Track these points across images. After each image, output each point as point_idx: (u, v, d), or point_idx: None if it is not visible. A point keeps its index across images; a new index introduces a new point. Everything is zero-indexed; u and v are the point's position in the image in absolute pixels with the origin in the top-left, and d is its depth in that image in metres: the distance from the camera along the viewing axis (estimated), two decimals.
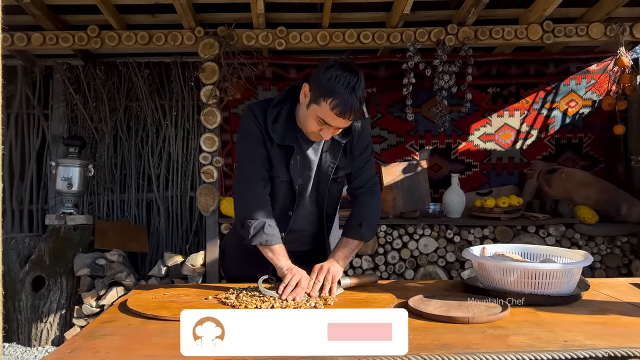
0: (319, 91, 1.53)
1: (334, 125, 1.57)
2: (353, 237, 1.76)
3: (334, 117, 1.53)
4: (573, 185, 3.74)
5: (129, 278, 3.40)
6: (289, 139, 1.68)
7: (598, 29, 3.56)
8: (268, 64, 3.97)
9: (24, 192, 4.20)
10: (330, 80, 1.51)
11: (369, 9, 3.58)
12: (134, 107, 4.21)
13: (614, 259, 3.52)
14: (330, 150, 1.74)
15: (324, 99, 1.52)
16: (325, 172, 1.74)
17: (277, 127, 1.67)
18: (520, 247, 1.79)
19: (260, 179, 1.68)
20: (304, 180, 1.75)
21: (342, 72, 1.52)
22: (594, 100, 4.11)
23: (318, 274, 1.59)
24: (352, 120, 1.58)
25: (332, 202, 1.83)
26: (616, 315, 1.37)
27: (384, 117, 4.08)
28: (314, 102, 1.56)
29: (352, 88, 1.50)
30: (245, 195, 1.71)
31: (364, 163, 1.82)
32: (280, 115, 1.68)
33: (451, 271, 3.51)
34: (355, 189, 1.84)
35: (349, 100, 1.50)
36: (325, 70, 1.53)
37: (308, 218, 1.81)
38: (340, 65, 1.54)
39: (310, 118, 1.59)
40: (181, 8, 3.28)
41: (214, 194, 3.54)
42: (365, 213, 1.80)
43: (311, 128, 1.61)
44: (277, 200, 1.73)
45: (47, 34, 3.55)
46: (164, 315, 1.36)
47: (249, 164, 1.70)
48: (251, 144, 1.69)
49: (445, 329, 1.25)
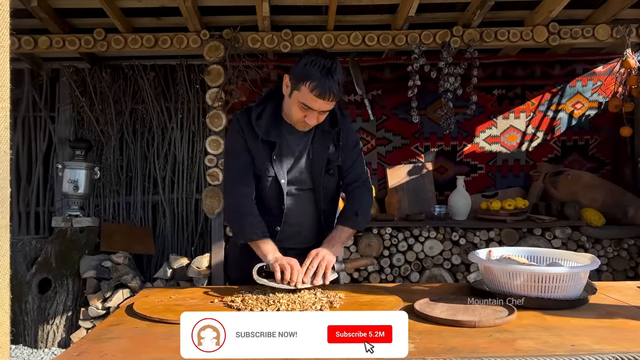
0: (297, 77, 1.63)
1: (316, 109, 1.65)
2: (348, 226, 1.83)
3: (315, 99, 1.61)
4: (579, 187, 3.72)
5: (134, 280, 3.41)
6: (274, 134, 1.76)
7: (604, 30, 3.54)
8: (273, 66, 3.98)
9: (30, 195, 4.22)
10: (306, 65, 1.61)
11: (374, 11, 3.58)
12: (140, 110, 4.23)
13: (621, 262, 3.50)
14: (320, 142, 1.81)
15: (303, 82, 1.61)
16: (318, 164, 1.80)
17: (262, 123, 1.76)
18: (527, 250, 1.78)
19: (244, 182, 1.78)
20: (296, 173, 1.81)
21: (318, 57, 1.62)
22: (600, 102, 4.09)
23: (312, 260, 1.66)
24: (332, 101, 1.65)
25: (328, 195, 1.88)
26: (624, 319, 1.36)
27: (389, 119, 4.08)
28: (294, 89, 1.65)
29: (328, 70, 1.60)
30: (229, 198, 1.82)
31: (355, 158, 1.89)
32: (265, 112, 1.78)
33: (457, 274, 3.50)
34: (349, 184, 1.90)
35: (326, 81, 1.59)
36: (302, 58, 1.64)
37: (305, 212, 1.86)
38: (316, 51, 1.66)
39: (294, 105, 1.68)
40: (187, 11, 3.29)
41: (220, 196, 3.55)
42: (361, 204, 1.87)
43: (296, 116, 1.70)
44: (269, 196, 1.81)
45: (53, 37, 3.57)
46: (170, 318, 1.36)
47: (233, 173, 1.81)
48: (235, 154, 1.80)
49: (451, 332, 1.25)
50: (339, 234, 1.81)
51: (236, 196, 1.79)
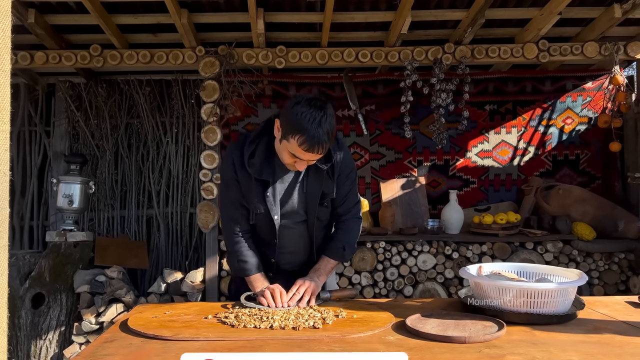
0: (287, 128, 1.63)
1: (305, 159, 1.67)
2: (334, 259, 1.90)
3: (303, 153, 1.62)
4: (570, 201, 3.77)
5: (128, 295, 3.40)
6: (266, 173, 1.77)
7: (593, 47, 3.61)
8: (268, 82, 4.02)
9: (24, 209, 4.22)
10: (297, 116, 1.59)
11: (367, 28, 3.64)
12: (135, 124, 4.25)
13: (612, 276, 3.53)
14: (314, 177, 1.82)
15: (292, 135, 1.61)
16: (312, 198, 1.82)
17: (255, 162, 1.76)
18: (517, 266, 1.81)
19: (234, 219, 1.85)
20: (289, 207, 1.83)
21: (308, 108, 1.60)
22: (590, 117, 4.15)
23: (299, 287, 1.73)
24: (322, 153, 1.66)
25: (321, 225, 1.92)
26: (611, 334, 1.39)
27: (382, 134, 4.12)
28: (284, 138, 1.65)
29: (319, 123, 1.58)
30: (224, 234, 1.91)
31: (349, 189, 1.90)
32: (257, 150, 1.78)
33: (450, 287, 3.52)
34: (341, 215, 1.93)
35: (315, 135, 1.58)
36: (293, 107, 1.62)
37: (298, 241, 1.90)
38: (307, 101, 1.63)
39: (284, 152, 1.69)
40: (182, 28, 3.33)
41: (214, 210, 3.56)
42: (349, 238, 1.91)
43: (286, 161, 1.72)
44: (262, 230, 1.87)
45: (50, 53, 3.60)
46: (164, 334, 1.38)
47: (225, 206, 1.88)
48: (227, 187, 1.85)
49: (442, 348, 1.27)
50: (325, 265, 1.87)
51: (228, 233, 1.87)
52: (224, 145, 3.96)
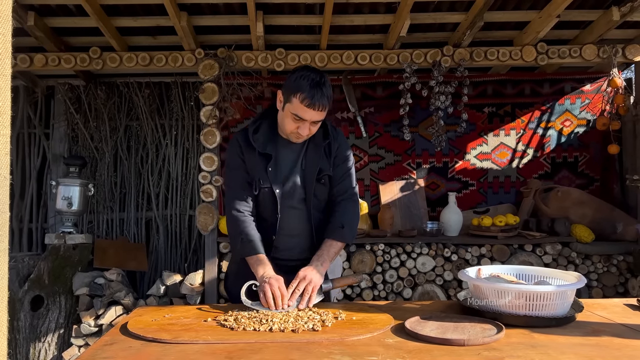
0: (289, 90, 1.77)
1: (308, 119, 1.77)
2: (334, 239, 1.91)
3: (305, 110, 1.74)
4: (569, 203, 3.77)
5: (127, 297, 3.40)
6: (270, 147, 1.90)
7: (591, 50, 3.62)
8: (267, 84, 4.03)
9: (23, 211, 4.21)
10: (297, 79, 1.76)
11: (367, 31, 3.65)
12: (134, 127, 4.26)
13: (611, 278, 3.53)
14: (312, 153, 1.92)
15: (294, 94, 1.75)
16: (310, 174, 1.90)
17: (258, 137, 1.89)
18: (516, 269, 1.82)
19: (239, 199, 1.91)
20: (290, 184, 1.90)
21: (307, 72, 1.77)
22: (588, 120, 4.16)
23: (299, 283, 1.73)
24: (322, 111, 1.77)
25: (318, 204, 1.96)
26: (609, 337, 1.39)
27: (381, 136, 4.12)
28: (287, 102, 1.79)
29: (317, 83, 1.74)
30: (227, 214, 1.93)
31: (345, 172, 1.98)
32: (261, 127, 1.92)
33: (449, 290, 3.52)
34: (337, 195, 1.98)
35: (316, 93, 1.72)
36: (293, 73, 1.79)
37: (298, 222, 1.94)
38: (305, 67, 1.81)
39: (287, 118, 1.80)
40: (182, 30, 3.34)
41: (213, 213, 3.56)
42: (346, 217, 1.94)
43: (289, 127, 1.82)
44: (265, 207, 1.93)
45: (49, 56, 3.60)
46: (163, 338, 1.38)
47: (230, 189, 1.95)
48: (234, 170, 1.93)
49: (441, 351, 1.27)
50: (327, 249, 1.88)
51: (233, 213, 1.90)
52: (223, 147, 3.96)
